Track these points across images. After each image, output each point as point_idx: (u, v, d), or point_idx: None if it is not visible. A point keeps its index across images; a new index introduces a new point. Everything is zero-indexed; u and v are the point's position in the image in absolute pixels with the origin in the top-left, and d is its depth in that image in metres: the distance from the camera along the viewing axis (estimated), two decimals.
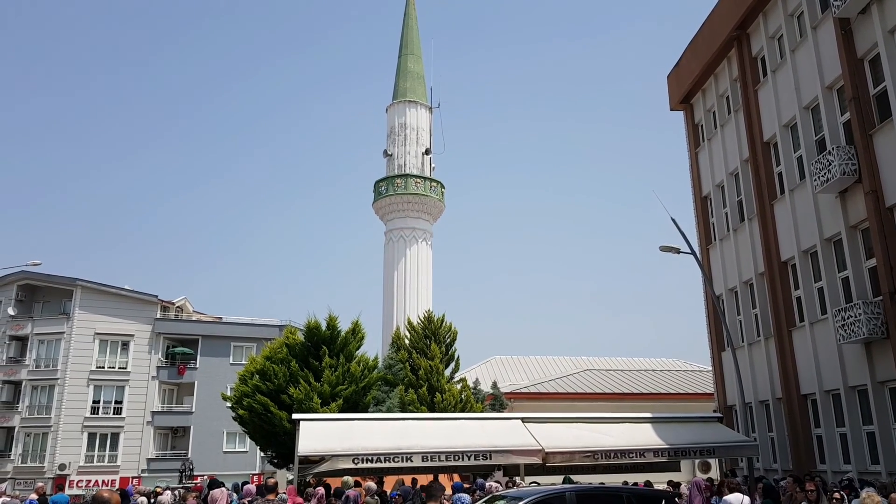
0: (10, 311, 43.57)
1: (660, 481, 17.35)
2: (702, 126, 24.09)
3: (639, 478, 17.54)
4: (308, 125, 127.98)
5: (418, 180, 42.22)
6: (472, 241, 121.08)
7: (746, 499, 11.14)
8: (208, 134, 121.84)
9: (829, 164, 15.68)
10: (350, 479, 15.52)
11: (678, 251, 17.80)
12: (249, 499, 13.97)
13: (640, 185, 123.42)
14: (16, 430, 42.05)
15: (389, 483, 17.70)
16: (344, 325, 24.08)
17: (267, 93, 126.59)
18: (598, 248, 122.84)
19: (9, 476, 40.22)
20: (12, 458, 41.49)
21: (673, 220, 17.68)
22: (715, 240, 22.85)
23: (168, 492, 18.65)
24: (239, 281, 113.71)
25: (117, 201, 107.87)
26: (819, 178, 16.14)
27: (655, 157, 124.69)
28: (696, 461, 22.39)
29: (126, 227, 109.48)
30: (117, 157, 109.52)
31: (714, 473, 20.92)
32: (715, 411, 21.82)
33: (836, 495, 9.66)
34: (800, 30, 18.40)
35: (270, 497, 10.49)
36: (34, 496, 15.10)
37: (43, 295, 45.87)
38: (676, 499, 13.55)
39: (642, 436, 15.97)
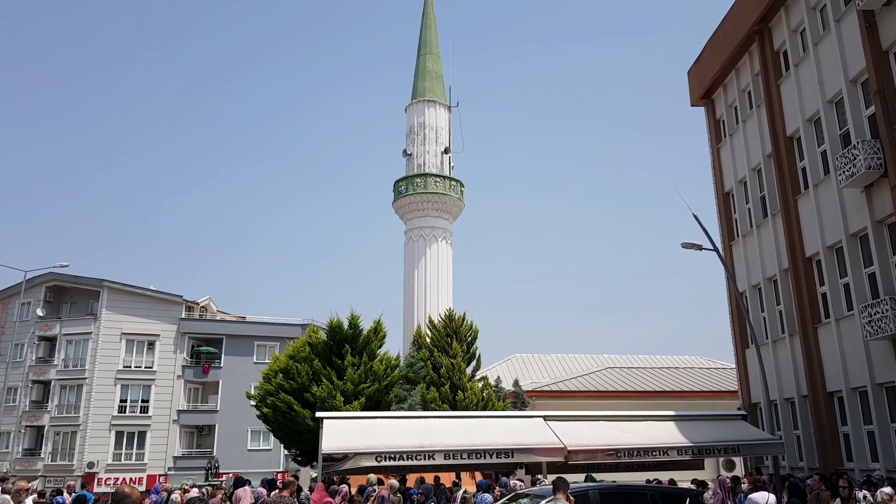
0: (39, 312, 44.35)
1: (684, 479, 17.26)
2: (723, 121, 23.88)
3: (662, 476, 17.47)
4: (330, 127, 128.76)
5: (438, 179, 42.27)
6: (491, 239, 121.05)
7: (772, 497, 11.05)
8: (226, 135, 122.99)
9: (854, 159, 15.48)
10: (374, 477, 15.64)
11: (700, 248, 17.69)
12: (273, 494, 14.16)
13: (659, 182, 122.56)
14: (45, 429, 42.81)
15: (412, 481, 17.82)
16: (366, 324, 24.24)
17: (287, 95, 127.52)
18: (617, 246, 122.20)
19: (39, 474, 40.96)
20: (42, 456, 42.25)
21: (695, 217, 17.57)
22: (738, 236, 22.65)
23: (195, 489, 18.91)
24: (261, 281, 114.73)
25: (136, 201, 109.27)
26: (844, 172, 15.94)
27: (676, 156, 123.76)
28: (721, 459, 22.22)
29: (146, 226, 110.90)
30: (134, 155, 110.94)
31: (739, 472, 20.75)
32: (739, 409, 21.65)
33: (860, 494, 9.53)
34: (822, 23, 18.18)
35: (284, 494, 10.62)
36: (66, 495, 15.37)
37: (70, 296, 46.66)
38: (700, 497, 13.47)
39: (665, 434, 15.87)
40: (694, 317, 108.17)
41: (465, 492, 14.27)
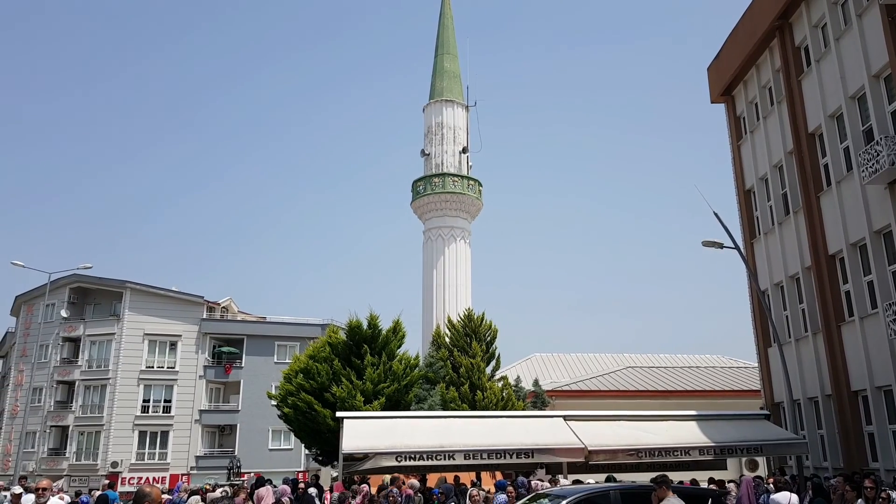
0: (63, 314, 44.97)
1: (706, 480, 17.10)
2: (744, 118, 23.66)
3: (684, 476, 17.32)
4: (349, 128, 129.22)
5: (456, 179, 42.22)
6: (510, 239, 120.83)
7: (794, 497, 10.95)
8: (244, 134, 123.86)
9: (878, 155, 15.28)
10: (389, 478, 15.65)
11: (722, 246, 17.52)
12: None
13: (678, 181, 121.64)
14: (70, 428, 43.42)
15: (432, 481, 17.83)
16: (385, 324, 24.29)
17: (305, 94, 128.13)
18: (636, 246, 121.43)
19: (64, 473, 41.54)
20: (67, 456, 42.86)
21: (716, 215, 17.40)
22: (759, 234, 22.43)
23: (219, 489, 19.06)
24: (281, 281, 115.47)
25: (155, 201, 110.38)
26: (867, 168, 15.74)
27: (695, 155, 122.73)
28: (744, 459, 21.99)
29: (166, 226, 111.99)
30: (152, 155, 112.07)
31: (762, 472, 20.55)
32: (762, 408, 21.44)
33: (883, 494, 9.39)
34: (844, 18, 17.96)
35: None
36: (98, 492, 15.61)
37: (94, 297, 47.25)
38: (723, 498, 13.35)
39: (687, 433, 15.75)
40: (714, 316, 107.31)
41: (486, 491, 14.24)
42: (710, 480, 16.03)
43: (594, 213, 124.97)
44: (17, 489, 10.59)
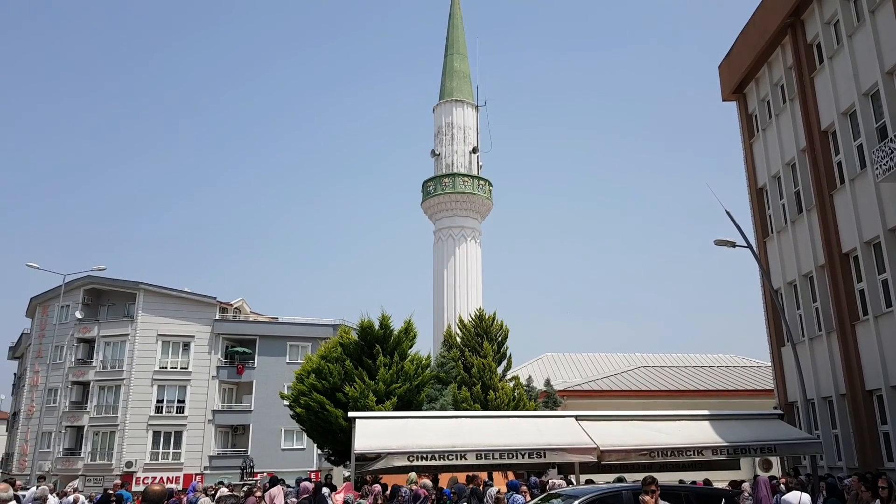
0: (78, 315, 45.32)
1: (718, 479, 17.05)
2: (756, 116, 23.53)
3: (697, 476, 17.26)
4: (359, 128, 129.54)
5: (466, 179, 42.21)
6: (520, 238, 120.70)
7: (805, 496, 10.89)
8: (253, 135, 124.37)
9: (892, 152, 15.18)
10: (414, 475, 15.70)
11: (734, 245, 17.42)
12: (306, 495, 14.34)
13: (688, 180, 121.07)
14: (85, 429, 43.77)
15: (444, 480, 17.88)
16: (396, 324, 24.35)
17: (315, 96, 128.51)
18: (645, 246, 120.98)
19: (79, 473, 41.88)
20: (82, 455, 43.21)
21: (728, 213, 17.30)
22: (772, 232, 22.30)
23: (224, 489, 19.17)
24: (292, 281, 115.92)
25: (164, 201, 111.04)
26: (881, 166, 15.63)
27: (705, 154, 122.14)
28: (757, 459, 21.84)
29: (175, 227, 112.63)
30: (161, 155, 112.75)
31: (776, 472, 20.40)
32: (775, 408, 21.32)
33: None
34: (857, 14, 17.84)
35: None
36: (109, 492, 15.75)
37: (108, 298, 47.56)
38: (736, 498, 13.29)
39: (700, 433, 15.70)
40: (726, 315, 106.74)
41: (498, 491, 14.27)
42: (737, 483, 15.89)
43: (603, 212, 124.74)
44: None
